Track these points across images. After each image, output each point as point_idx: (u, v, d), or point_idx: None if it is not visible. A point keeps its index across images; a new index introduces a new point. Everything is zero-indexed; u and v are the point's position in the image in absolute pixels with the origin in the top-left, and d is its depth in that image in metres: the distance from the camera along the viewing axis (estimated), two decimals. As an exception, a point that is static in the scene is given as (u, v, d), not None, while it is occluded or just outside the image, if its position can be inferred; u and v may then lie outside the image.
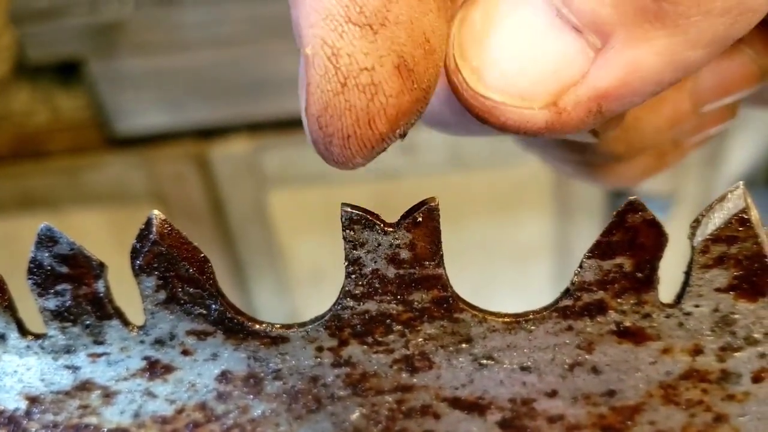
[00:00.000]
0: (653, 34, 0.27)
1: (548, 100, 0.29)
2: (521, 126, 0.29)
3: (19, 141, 1.27)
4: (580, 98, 0.28)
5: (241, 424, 0.35)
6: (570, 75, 0.28)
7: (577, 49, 0.28)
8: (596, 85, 0.28)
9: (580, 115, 0.29)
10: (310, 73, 0.27)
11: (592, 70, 0.28)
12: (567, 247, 1.40)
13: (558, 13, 0.28)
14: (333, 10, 0.27)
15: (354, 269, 0.31)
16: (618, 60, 0.28)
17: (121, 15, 1.17)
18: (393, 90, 0.27)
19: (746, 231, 0.29)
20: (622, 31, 0.27)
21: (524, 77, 0.29)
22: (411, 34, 0.27)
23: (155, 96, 1.23)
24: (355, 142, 0.28)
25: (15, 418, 0.35)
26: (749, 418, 0.33)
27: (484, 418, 0.34)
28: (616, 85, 0.28)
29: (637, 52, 0.27)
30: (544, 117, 0.29)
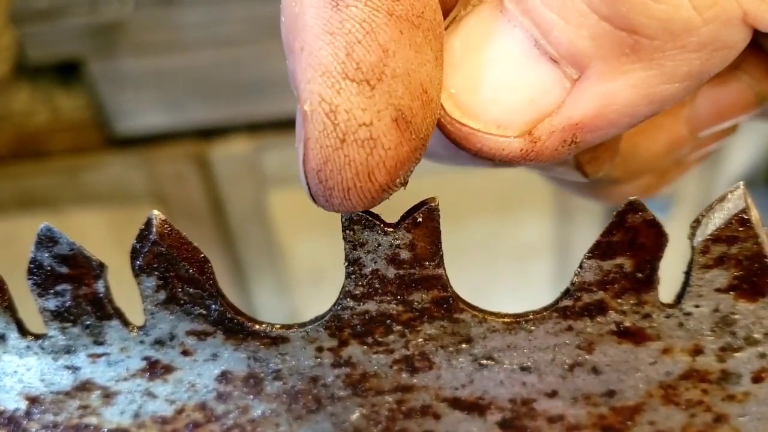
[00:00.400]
0: (629, 67, 0.28)
1: (523, 128, 0.29)
2: (496, 153, 0.30)
3: (19, 141, 1.27)
4: (555, 128, 0.29)
5: (241, 424, 0.35)
6: (546, 105, 0.29)
7: (553, 79, 0.29)
8: (571, 116, 0.29)
9: (555, 145, 0.29)
10: (308, 129, 0.28)
11: (567, 101, 0.29)
12: (567, 247, 1.40)
13: (536, 43, 0.28)
14: (330, 66, 0.27)
15: (354, 269, 0.31)
16: (593, 91, 0.28)
17: (121, 15, 1.17)
18: (391, 143, 0.27)
19: (746, 231, 0.29)
20: (599, 63, 0.28)
21: (500, 105, 0.29)
22: (408, 87, 0.27)
23: (155, 96, 1.23)
24: (356, 194, 0.28)
25: (15, 419, 0.35)
26: (749, 419, 0.33)
27: (484, 418, 0.34)
28: (591, 116, 0.28)
29: (612, 84, 0.28)
30: (519, 145, 0.29)
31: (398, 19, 0.27)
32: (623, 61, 0.27)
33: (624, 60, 0.27)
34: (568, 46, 0.28)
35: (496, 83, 0.29)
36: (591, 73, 0.28)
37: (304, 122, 0.28)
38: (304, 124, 0.28)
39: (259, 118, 1.26)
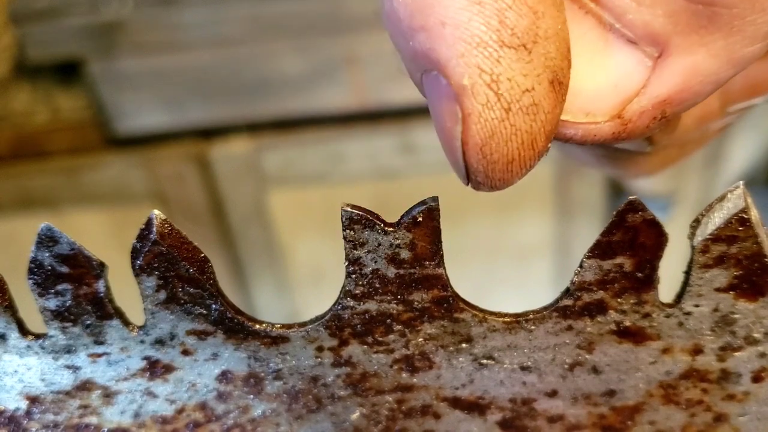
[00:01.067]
0: (709, 38, 0.28)
1: (612, 112, 0.29)
2: (588, 139, 0.29)
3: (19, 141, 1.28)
4: (644, 107, 0.29)
5: (241, 424, 0.35)
6: (631, 86, 0.29)
7: (635, 60, 0.29)
8: (659, 93, 0.29)
9: (646, 123, 0.29)
10: (469, 104, 0.27)
11: (652, 79, 0.28)
12: (567, 247, 1.40)
13: (611, 28, 0.28)
14: (485, 36, 0.26)
15: (354, 269, 0.31)
16: (677, 67, 0.28)
17: (121, 15, 1.17)
18: (550, 105, 0.27)
19: (746, 231, 0.29)
20: (678, 39, 0.28)
21: (585, 94, 0.29)
22: (558, 47, 0.27)
23: (155, 96, 1.23)
24: (518, 164, 0.28)
25: (15, 418, 0.35)
26: (749, 418, 0.33)
27: (484, 418, 0.34)
28: (678, 90, 0.29)
29: (695, 57, 0.28)
30: (610, 129, 0.29)
31: None
32: (702, 33, 0.27)
33: (703, 32, 0.27)
34: (645, 27, 0.28)
35: (578, 72, 0.29)
36: (672, 49, 0.28)
37: (462, 98, 0.27)
38: (461, 101, 0.27)
39: (259, 118, 1.26)
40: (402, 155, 1.27)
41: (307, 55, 1.19)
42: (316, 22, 1.16)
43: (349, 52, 1.19)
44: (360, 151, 1.29)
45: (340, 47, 1.18)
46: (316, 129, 1.28)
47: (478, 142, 0.27)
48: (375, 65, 1.19)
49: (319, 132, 1.28)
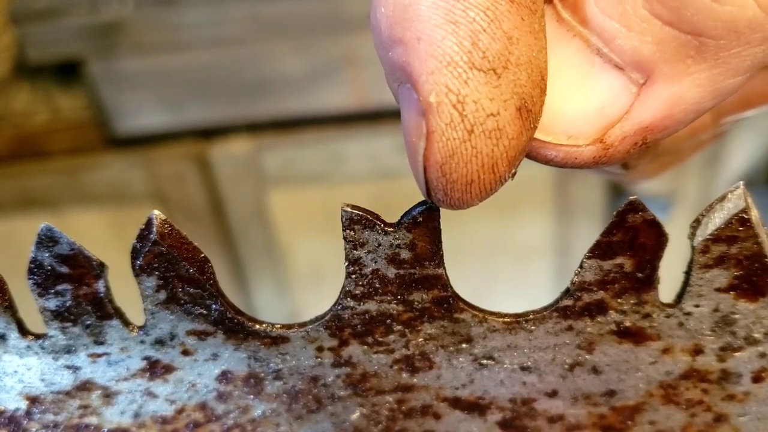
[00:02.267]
0: (695, 68, 0.28)
1: (594, 136, 0.29)
2: (568, 162, 0.29)
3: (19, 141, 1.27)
4: (626, 133, 0.29)
5: (241, 424, 0.35)
6: (614, 111, 0.29)
7: (620, 85, 0.29)
8: (642, 119, 0.29)
9: (627, 148, 0.29)
10: (433, 122, 0.27)
11: (636, 105, 0.29)
12: (567, 247, 1.40)
13: (599, 52, 0.28)
14: (455, 56, 0.26)
15: (354, 269, 0.31)
16: (661, 94, 0.28)
17: (121, 15, 1.17)
18: (515, 132, 0.27)
19: (746, 231, 0.29)
20: (665, 67, 0.28)
21: (569, 116, 0.29)
22: (530, 74, 0.27)
23: (155, 96, 1.23)
24: (477, 186, 0.28)
25: (15, 418, 0.35)
26: (749, 418, 0.33)
27: (484, 418, 0.34)
28: (661, 117, 0.29)
29: (680, 86, 0.28)
30: (591, 153, 0.29)
31: (519, 5, 0.27)
32: (689, 63, 0.28)
33: (689, 62, 0.28)
34: (633, 53, 0.28)
35: (563, 94, 0.29)
36: (657, 76, 0.28)
37: (428, 115, 0.27)
38: (426, 117, 0.27)
39: (259, 118, 1.26)
40: (402, 155, 1.27)
41: (307, 55, 1.19)
42: (316, 22, 1.16)
43: (349, 52, 1.19)
44: (360, 151, 1.29)
45: (340, 47, 1.18)
46: (316, 129, 1.28)
47: (439, 160, 0.27)
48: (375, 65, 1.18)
49: (319, 132, 1.28)
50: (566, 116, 0.29)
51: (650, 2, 0.27)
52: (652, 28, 0.27)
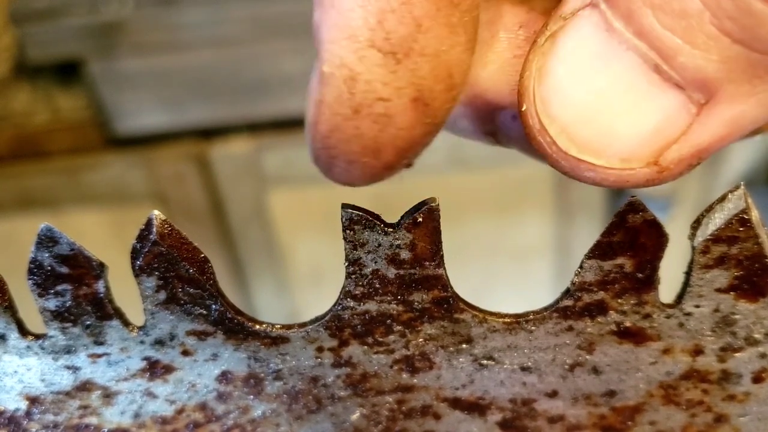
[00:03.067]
0: (761, 87, 0.26)
1: (649, 159, 0.27)
2: (620, 185, 0.28)
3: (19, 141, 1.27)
4: (684, 155, 0.27)
5: (241, 424, 0.35)
6: (671, 132, 0.27)
7: (678, 105, 0.27)
8: (701, 141, 0.27)
9: (681, 170, 0.28)
10: (323, 91, 0.26)
11: (695, 126, 0.27)
12: (567, 247, 1.40)
13: (656, 68, 0.26)
14: (357, 31, 0.25)
15: (354, 269, 0.31)
16: (725, 115, 0.27)
17: (121, 15, 1.17)
18: (406, 123, 0.26)
19: (747, 231, 0.29)
20: (731, 87, 0.26)
21: (623, 138, 0.27)
22: (434, 68, 0.26)
23: (155, 96, 1.23)
24: (359, 168, 0.27)
25: (15, 419, 0.35)
26: (750, 419, 0.33)
27: (484, 418, 0.34)
28: (720, 138, 0.27)
29: (743, 106, 0.27)
30: (645, 176, 0.27)
31: None
32: (756, 83, 0.26)
33: (757, 81, 0.26)
34: (696, 72, 0.26)
35: (616, 115, 0.27)
36: (720, 97, 0.26)
37: (320, 83, 0.26)
38: (319, 85, 0.26)
39: (259, 118, 1.26)
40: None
41: (307, 55, 1.19)
42: (316, 22, 1.16)
43: (349, 52, 1.18)
44: (360, 151, 1.28)
45: (340, 47, 1.18)
46: (316, 129, 1.28)
47: (322, 132, 0.27)
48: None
49: (319, 132, 1.28)
50: (619, 138, 0.27)
51: (719, 18, 0.25)
52: (719, 46, 0.25)
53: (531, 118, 0.28)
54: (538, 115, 0.28)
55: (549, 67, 0.28)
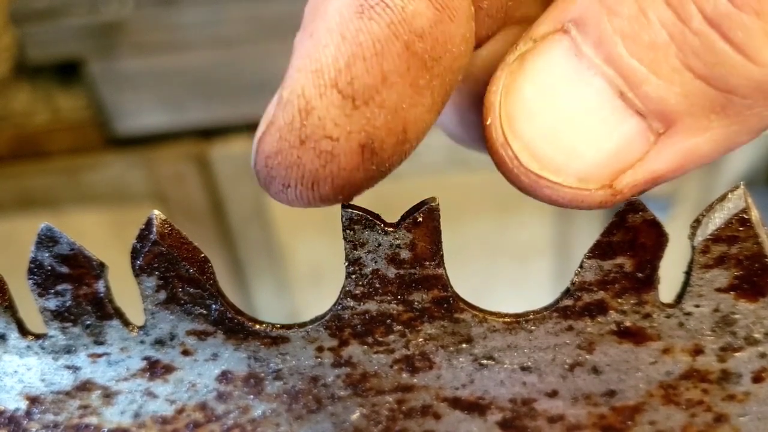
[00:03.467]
0: (716, 123, 0.27)
1: (605, 182, 0.28)
2: (574, 204, 0.29)
3: (19, 141, 1.27)
4: (638, 181, 0.28)
5: (241, 424, 0.35)
6: (629, 158, 0.28)
7: (638, 132, 0.28)
8: (654, 169, 0.28)
9: (633, 194, 0.29)
10: (276, 114, 0.27)
11: (651, 154, 0.28)
12: (567, 247, 1.40)
13: (621, 95, 0.27)
14: (325, 68, 0.26)
15: (354, 269, 0.31)
16: (679, 147, 0.28)
17: (121, 15, 1.17)
18: (349, 165, 0.27)
19: (746, 231, 0.29)
20: (688, 120, 0.27)
21: (582, 159, 0.28)
22: (389, 122, 0.27)
23: (155, 96, 1.23)
24: (293, 193, 0.28)
25: (15, 418, 0.35)
26: (750, 418, 0.33)
27: (484, 418, 0.34)
28: (673, 168, 0.28)
29: (698, 139, 0.28)
30: (600, 198, 0.28)
31: (412, 54, 0.26)
32: (711, 118, 0.27)
33: (713, 117, 0.27)
34: (658, 102, 0.27)
35: (579, 135, 0.28)
36: (678, 128, 0.27)
37: (277, 105, 0.27)
38: (275, 107, 0.27)
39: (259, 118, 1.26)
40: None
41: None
42: (316, 22, 1.16)
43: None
44: (360, 151, 1.28)
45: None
46: (316, 129, 1.28)
47: (265, 151, 0.27)
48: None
49: (319, 132, 1.28)
50: (579, 158, 0.28)
51: (685, 53, 0.26)
52: (682, 79, 0.26)
53: (495, 132, 0.28)
54: (503, 129, 0.28)
55: (517, 84, 0.29)
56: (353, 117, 0.26)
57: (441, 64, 0.27)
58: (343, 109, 0.26)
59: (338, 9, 0.26)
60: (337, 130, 0.27)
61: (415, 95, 0.27)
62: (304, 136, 0.27)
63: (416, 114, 0.27)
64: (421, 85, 0.27)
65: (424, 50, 0.27)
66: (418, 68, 0.27)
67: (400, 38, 0.26)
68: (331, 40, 0.26)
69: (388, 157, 0.28)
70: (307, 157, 0.27)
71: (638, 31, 0.26)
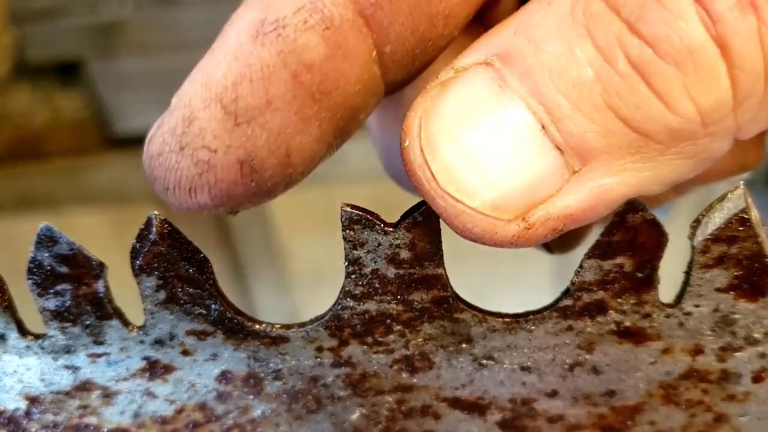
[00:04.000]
0: (630, 166, 0.28)
1: (518, 213, 0.28)
2: (486, 236, 0.29)
3: (19, 141, 1.27)
4: (550, 216, 0.28)
5: (241, 424, 0.35)
6: (543, 192, 0.28)
7: (554, 167, 0.28)
8: (566, 206, 0.28)
9: (546, 232, 0.29)
10: (165, 117, 0.28)
11: (564, 190, 0.28)
12: (567, 247, 1.40)
13: (543, 128, 0.27)
14: (213, 83, 0.28)
15: (354, 269, 0.31)
16: (592, 186, 0.28)
17: (121, 15, 1.17)
18: (226, 177, 0.28)
19: (746, 231, 0.29)
20: (604, 159, 0.27)
21: (500, 187, 0.28)
22: (271, 143, 0.28)
23: (155, 96, 1.23)
24: (173, 196, 0.29)
25: (15, 418, 0.35)
26: (749, 418, 0.33)
27: (484, 418, 0.34)
28: (585, 208, 0.28)
29: (610, 180, 0.28)
30: (512, 230, 0.28)
31: (299, 84, 0.27)
32: (627, 160, 0.27)
33: (628, 158, 0.27)
34: (578, 139, 0.27)
35: (497, 162, 0.28)
36: (593, 166, 0.28)
37: (167, 110, 0.28)
38: (167, 111, 0.29)
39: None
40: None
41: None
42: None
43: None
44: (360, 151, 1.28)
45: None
46: (316, 129, 1.28)
47: (150, 151, 0.29)
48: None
49: (319, 132, 1.28)
50: (495, 185, 0.28)
51: (608, 93, 0.26)
52: (604, 118, 0.27)
53: (413, 153, 0.28)
54: (422, 150, 0.28)
55: (438, 108, 0.29)
56: (234, 133, 0.28)
57: (331, 99, 0.28)
58: (224, 123, 0.27)
59: (237, 31, 0.28)
60: (216, 142, 0.28)
61: (301, 123, 0.28)
62: (184, 143, 0.28)
63: (302, 141, 0.28)
64: (307, 115, 0.28)
65: (311, 82, 0.28)
66: (305, 98, 0.28)
67: (287, 67, 0.27)
68: (224, 58, 0.28)
69: (269, 177, 0.29)
70: (185, 163, 0.28)
71: (565, 67, 0.27)
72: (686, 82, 0.26)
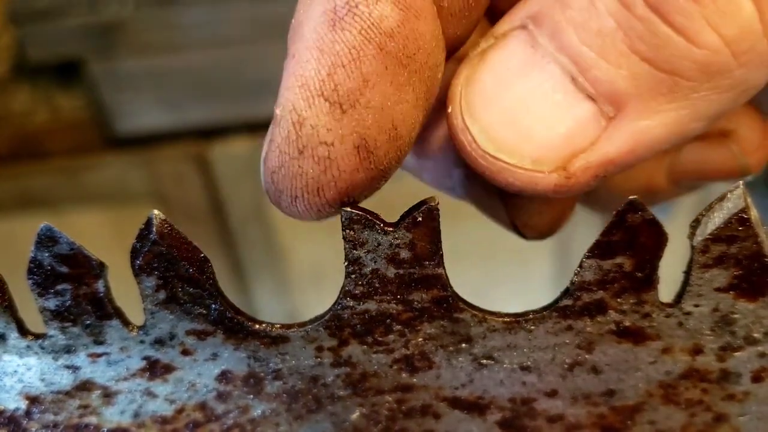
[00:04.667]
0: (665, 106, 0.28)
1: (558, 164, 0.29)
2: (528, 187, 0.30)
3: (19, 141, 1.27)
4: (590, 164, 0.29)
5: (241, 424, 0.35)
6: (581, 141, 0.29)
7: (590, 116, 0.29)
8: (606, 152, 0.29)
9: (588, 179, 0.30)
10: (274, 131, 0.29)
11: (602, 138, 0.29)
12: (567, 247, 1.40)
13: (573, 80, 0.29)
14: (310, 80, 0.28)
15: (354, 269, 0.31)
16: (629, 130, 0.29)
17: (121, 15, 1.17)
18: (348, 167, 0.29)
19: (746, 231, 0.29)
20: (637, 103, 0.28)
21: (536, 141, 0.29)
22: (378, 120, 0.28)
23: (155, 96, 1.23)
24: (302, 203, 0.29)
25: (15, 418, 0.35)
26: (749, 418, 0.33)
27: (484, 417, 0.34)
28: (625, 152, 0.29)
29: (647, 122, 0.29)
30: (553, 180, 0.30)
31: (387, 54, 0.28)
32: (660, 101, 0.28)
33: (661, 99, 0.28)
34: (608, 85, 0.28)
35: (533, 119, 0.29)
36: (628, 111, 0.29)
37: (273, 123, 0.29)
38: (272, 125, 0.29)
39: (259, 118, 1.26)
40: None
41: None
42: (316, 22, 1.16)
43: (349, 52, 1.18)
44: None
45: (340, 47, 1.18)
46: (316, 129, 1.28)
47: (270, 167, 0.29)
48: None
49: (319, 132, 1.28)
50: (533, 140, 0.29)
51: (630, 38, 0.27)
52: (629, 63, 0.28)
53: (455, 118, 0.30)
54: (462, 114, 0.30)
55: (477, 75, 0.30)
56: (343, 121, 0.28)
57: (416, 61, 0.29)
58: (332, 114, 0.28)
59: (313, 27, 0.28)
60: (331, 135, 0.28)
61: (398, 92, 0.29)
62: (302, 146, 0.28)
63: (402, 110, 0.29)
64: (401, 83, 0.29)
65: (397, 49, 0.28)
66: (395, 66, 0.28)
67: (372, 41, 0.28)
68: (311, 55, 0.28)
69: (384, 155, 0.29)
70: (308, 165, 0.29)
71: (588, 19, 0.28)
72: (705, 14, 0.26)
